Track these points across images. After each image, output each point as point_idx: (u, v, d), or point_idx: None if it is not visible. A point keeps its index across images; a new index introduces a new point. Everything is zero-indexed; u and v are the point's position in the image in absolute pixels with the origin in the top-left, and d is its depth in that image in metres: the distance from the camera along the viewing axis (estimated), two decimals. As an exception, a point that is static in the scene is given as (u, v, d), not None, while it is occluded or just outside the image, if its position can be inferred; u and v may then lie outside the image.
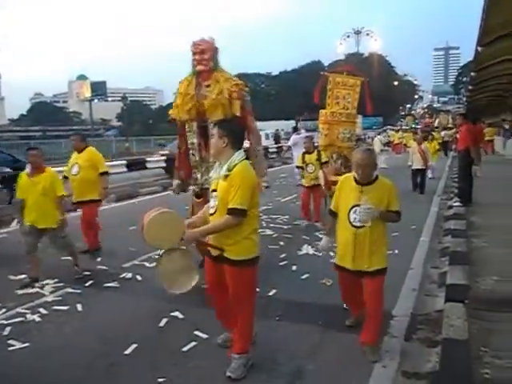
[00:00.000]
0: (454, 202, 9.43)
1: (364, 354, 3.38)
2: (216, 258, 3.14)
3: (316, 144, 8.83)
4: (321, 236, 3.54)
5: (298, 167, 8.62)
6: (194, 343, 3.69)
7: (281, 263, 5.87)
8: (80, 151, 6.34)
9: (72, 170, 6.26)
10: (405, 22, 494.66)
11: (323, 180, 7.82)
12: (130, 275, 5.45)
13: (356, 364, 3.32)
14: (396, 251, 6.15)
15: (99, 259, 6.14)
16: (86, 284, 5.22)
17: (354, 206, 3.30)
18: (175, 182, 5.69)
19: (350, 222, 3.33)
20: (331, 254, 5.16)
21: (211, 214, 3.12)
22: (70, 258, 5.59)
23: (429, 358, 3.40)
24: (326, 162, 8.03)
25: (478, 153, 9.51)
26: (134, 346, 3.67)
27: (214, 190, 3.12)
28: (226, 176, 3.00)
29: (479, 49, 7.23)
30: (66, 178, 6.28)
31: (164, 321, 4.11)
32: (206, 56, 5.12)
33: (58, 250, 5.57)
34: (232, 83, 5.18)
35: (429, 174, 13.65)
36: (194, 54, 5.17)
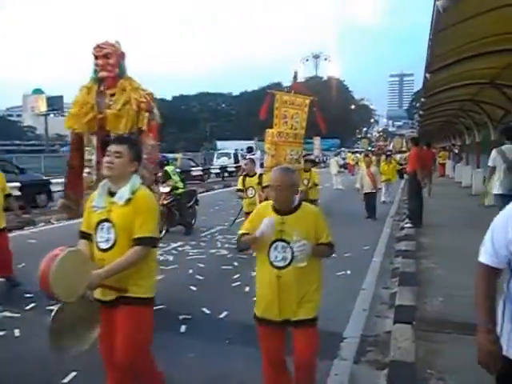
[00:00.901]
0: (406, 223, 9.69)
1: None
2: (107, 303, 2.62)
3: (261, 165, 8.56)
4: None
5: (238, 190, 8.14)
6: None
7: (233, 284, 5.80)
8: None
9: None
10: (362, 49, 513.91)
11: (258, 204, 7.58)
12: (75, 297, 5.21)
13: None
14: (348, 272, 6.23)
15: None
16: (27, 307, 4.95)
17: (274, 242, 2.63)
18: (61, 201, 4.99)
19: (271, 262, 2.63)
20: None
21: (105, 250, 2.59)
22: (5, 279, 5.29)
23: (377, 380, 3.41)
24: (268, 186, 7.78)
25: (425, 176, 9.86)
26: (74, 373, 3.48)
27: (105, 221, 2.60)
28: (128, 201, 2.58)
29: (427, 75, 7.56)
30: None
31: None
32: (111, 61, 4.50)
33: None
34: (141, 93, 4.56)
35: (382, 198, 13.86)
36: (97, 57, 4.52)
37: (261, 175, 7.74)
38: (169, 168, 9.60)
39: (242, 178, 8.10)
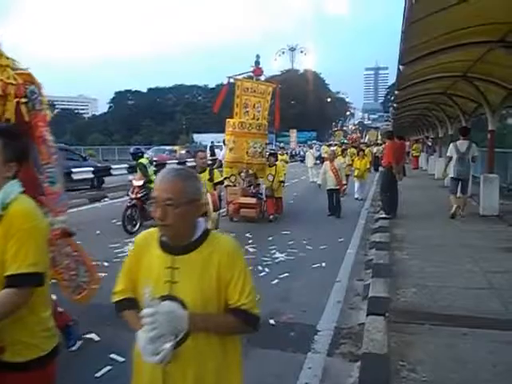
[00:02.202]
0: (380, 214, 9.77)
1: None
2: None
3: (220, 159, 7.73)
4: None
5: None
6: (108, 367, 3.46)
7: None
8: None
9: None
10: (339, 42, 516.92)
11: (212, 204, 6.32)
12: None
13: (279, 379, 3.25)
14: (323, 264, 6.24)
15: None
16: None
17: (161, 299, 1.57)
18: None
19: None
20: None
21: None
22: None
23: (350, 373, 3.40)
24: (220, 183, 6.76)
25: (399, 168, 9.95)
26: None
27: None
28: None
29: (401, 68, 7.60)
30: None
31: (78, 344, 3.82)
32: None
33: None
34: (10, 73, 3.46)
35: (356, 195, 13.47)
36: None
37: (212, 170, 6.66)
38: (143, 160, 9.42)
39: None
